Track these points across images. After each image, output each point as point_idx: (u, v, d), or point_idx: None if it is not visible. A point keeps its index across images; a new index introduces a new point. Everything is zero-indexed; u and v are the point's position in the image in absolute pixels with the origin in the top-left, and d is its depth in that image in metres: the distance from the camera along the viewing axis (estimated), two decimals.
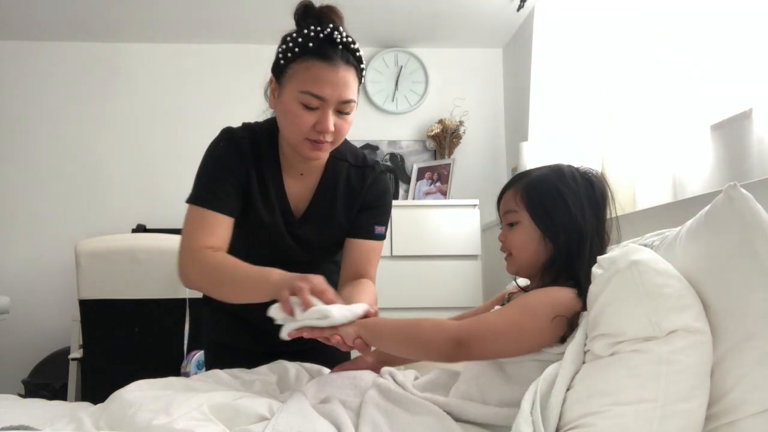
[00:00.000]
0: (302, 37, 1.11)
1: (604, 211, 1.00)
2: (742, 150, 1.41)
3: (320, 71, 1.10)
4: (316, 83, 1.10)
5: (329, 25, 1.12)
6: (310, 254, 1.34)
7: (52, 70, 3.38)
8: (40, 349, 2.98)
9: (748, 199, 0.75)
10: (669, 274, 0.78)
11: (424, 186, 3.26)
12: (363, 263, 1.33)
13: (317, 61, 1.10)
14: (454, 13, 3.10)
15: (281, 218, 1.28)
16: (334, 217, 1.31)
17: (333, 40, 1.11)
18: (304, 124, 1.12)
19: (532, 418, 0.75)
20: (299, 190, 1.29)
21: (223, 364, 1.23)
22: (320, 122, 1.12)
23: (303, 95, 1.11)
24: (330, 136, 1.15)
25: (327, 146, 1.17)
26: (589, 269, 0.87)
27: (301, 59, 1.11)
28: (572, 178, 0.98)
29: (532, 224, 0.98)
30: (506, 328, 0.89)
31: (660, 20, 1.75)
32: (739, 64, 1.45)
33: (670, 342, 0.73)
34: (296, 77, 1.12)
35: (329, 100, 1.11)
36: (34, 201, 3.30)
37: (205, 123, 3.38)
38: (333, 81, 1.10)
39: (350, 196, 1.31)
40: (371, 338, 0.99)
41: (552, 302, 0.89)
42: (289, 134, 1.18)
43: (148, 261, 2.11)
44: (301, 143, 1.16)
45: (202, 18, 3.16)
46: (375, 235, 1.33)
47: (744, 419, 0.71)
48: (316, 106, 1.11)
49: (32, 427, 0.86)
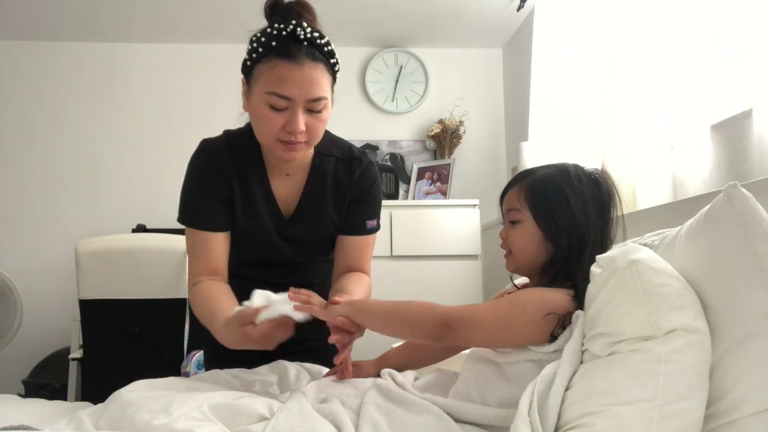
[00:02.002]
0: (265, 36, 1.08)
1: (610, 212, 0.99)
2: (742, 150, 1.41)
3: (284, 70, 1.06)
4: (281, 83, 1.06)
5: (292, 22, 1.08)
6: (302, 254, 1.33)
7: (52, 70, 3.38)
8: (40, 349, 2.98)
9: (748, 198, 0.75)
10: (668, 273, 0.78)
11: (424, 186, 3.27)
12: (356, 258, 1.32)
13: (280, 60, 1.06)
14: (454, 13, 3.10)
15: (270, 222, 1.27)
16: (325, 213, 1.29)
17: (296, 36, 1.07)
18: (272, 126, 1.09)
19: (530, 419, 0.75)
20: (287, 191, 1.27)
21: (223, 365, 1.23)
22: (289, 123, 1.08)
23: (269, 96, 1.07)
24: (303, 136, 1.11)
25: (301, 146, 1.13)
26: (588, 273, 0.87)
27: (266, 59, 1.08)
28: (577, 179, 0.97)
29: (534, 224, 0.97)
30: (493, 319, 0.89)
31: (660, 20, 1.75)
32: (739, 64, 1.45)
33: (668, 341, 0.73)
34: (261, 78, 1.08)
35: (296, 99, 1.07)
36: (34, 201, 3.30)
37: (204, 123, 3.38)
38: (298, 80, 1.06)
39: (339, 190, 1.29)
40: (359, 317, 1.00)
41: (544, 300, 0.89)
42: (260, 137, 1.16)
43: (148, 261, 2.11)
44: (273, 145, 1.13)
45: (202, 18, 3.16)
46: (366, 230, 1.32)
47: (743, 419, 0.71)
48: (283, 106, 1.08)
49: (32, 427, 0.86)
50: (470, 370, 0.96)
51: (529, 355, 0.88)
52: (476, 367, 0.95)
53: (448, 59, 3.54)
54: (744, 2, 1.44)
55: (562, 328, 0.86)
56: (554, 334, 0.86)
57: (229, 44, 3.42)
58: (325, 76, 1.10)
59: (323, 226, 1.30)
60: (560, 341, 0.85)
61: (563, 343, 0.85)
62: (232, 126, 1.33)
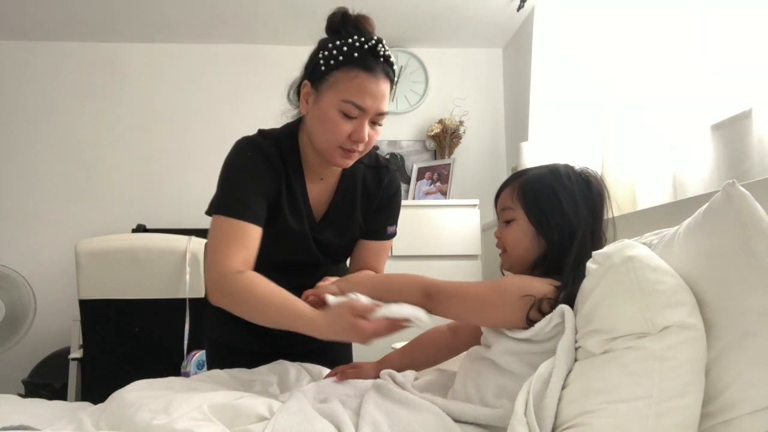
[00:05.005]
0: (347, 46, 1.12)
1: (602, 209, 1.01)
2: (742, 150, 1.41)
3: (364, 82, 1.11)
4: (360, 94, 1.11)
5: (372, 36, 1.15)
6: (327, 257, 1.35)
7: (52, 70, 3.38)
8: (40, 349, 2.98)
9: (746, 197, 0.75)
10: (663, 270, 0.78)
11: (424, 186, 3.27)
12: (373, 261, 1.36)
13: (361, 72, 1.11)
14: (454, 13, 3.10)
15: (307, 224, 1.29)
16: (353, 219, 1.32)
17: (377, 52, 1.13)
18: (341, 132, 1.14)
19: (526, 419, 0.75)
20: (318, 194, 1.30)
21: (225, 365, 1.23)
22: (357, 132, 1.14)
23: (344, 104, 1.12)
24: (362, 146, 1.17)
25: (356, 155, 1.19)
26: (575, 265, 0.90)
27: (345, 68, 1.12)
28: (567, 177, 1.01)
29: (527, 221, 1.00)
30: (472, 296, 0.96)
31: (660, 20, 1.76)
32: (739, 64, 1.45)
33: (663, 338, 0.73)
34: (338, 85, 1.12)
35: (369, 111, 1.13)
36: (34, 201, 3.31)
37: (205, 123, 3.39)
38: (374, 93, 1.12)
39: (367, 197, 1.33)
40: (349, 288, 1.06)
41: (522, 284, 0.92)
42: (323, 141, 1.18)
43: (148, 261, 2.11)
44: (333, 150, 1.17)
45: (202, 18, 3.16)
46: (387, 235, 1.37)
47: (740, 417, 0.71)
48: (355, 115, 1.13)
49: (32, 427, 0.86)
50: (467, 369, 0.98)
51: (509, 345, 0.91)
52: (472, 366, 0.97)
53: (448, 59, 3.54)
54: (744, 2, 1.44)
55: (540, 313, 0.88)
56: (531, 317, 0.88)
57: (229, 44, 3.43)
58: (389, 94, 1.18)
59: (351, 231, 1.33)
60: (536, 329, 0.87)
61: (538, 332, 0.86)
62: (232, 125, 1.34)
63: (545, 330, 0.86)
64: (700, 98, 1.60)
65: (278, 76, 3.86)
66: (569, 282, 0.90)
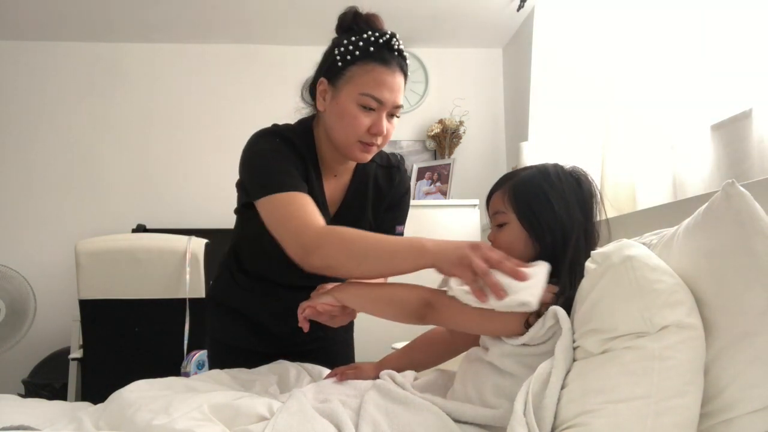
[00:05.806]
0: (363, 41, 1.15)
1: (593, 208, 1.01)
2: (742, 150, 1.41)
3: (381, 75, 1.14)
4: (377, 86, 1.13)
5: (386, 31, 1.18)
6: None
7: (52, 70, 3.38)
8: (40, 349, 2.99)
9: (745, 196, 0.75)
10: (662, 269, 0.78)
11: (424, 186, 3.27)
12: None
13: (378, 65, 1.14)
14: (454, 13, 3.10)
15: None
16: (364, 217, 1.33)
17: (391, 46, 1.16)
18: (360, 126, 1.15)
19: (526, 420, 0.75)
20: (332, 191, 1.31)
21: (227, 364, 1.23)
22: (375, 125, 1.15)
23: (363, 97, 1.14)
24: (380, 139, 1.18)
25: (375, 149, 1.21)
26: (571, 269, 0.90)
27: (362, 62, 1.14)
28: (557, 178, 1.00)
29: (519, 225, 0.99)
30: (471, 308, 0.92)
31: (660, 20, 1.76)
32: (739, 63, 1.45)
33: (662, 338, 0.73)
34: (355, 80, 1.15)
35: (386, 103, 1.15)
36: (34, 201, 3.31)
37: (204, 122, 3.39)
38: (391, 85, 1.15)
39: (378, 195, 1.34)
40: (347, 297, 1.06)
41: None
42: (342, 136, 1.19)
43: (148, 261, 2.11)
44: (352, 145, 1.18)
45: (202, 18, 3.16)
46: (395, 234, 1.37)
47: (740, 417, 0.71)
48: (374, 107, 1.15)
49: (32, 427, 0.86)
50: (466, 370, 0.98)
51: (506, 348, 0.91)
52: (471, 367, 0.97)
53: (448, 59, 3.54)
54: (744, 2, 1.44)
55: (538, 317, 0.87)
56: (529, 322, 0.88)
57: (229, 44, 3.43)
58: (404, 87, 1.19)
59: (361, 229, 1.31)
60: (531, 333, 0.87)
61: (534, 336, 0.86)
62: (232, 125, 1.34)
63: (540, 333, 0.86)
64: (700, 98, 1.60)
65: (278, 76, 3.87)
66: (567, 287, 0.89)
